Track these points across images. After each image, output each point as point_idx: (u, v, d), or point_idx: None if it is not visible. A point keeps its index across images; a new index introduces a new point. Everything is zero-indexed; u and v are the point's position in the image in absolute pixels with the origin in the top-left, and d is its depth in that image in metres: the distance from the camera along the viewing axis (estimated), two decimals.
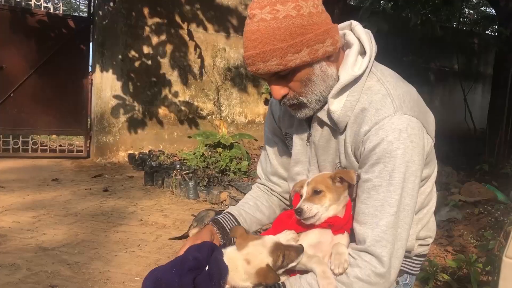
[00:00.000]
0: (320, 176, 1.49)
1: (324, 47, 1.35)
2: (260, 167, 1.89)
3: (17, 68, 7.93)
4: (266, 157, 1.84)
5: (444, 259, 3.50)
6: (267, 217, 1.82)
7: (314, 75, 1.39)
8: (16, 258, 3.49)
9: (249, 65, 1.38)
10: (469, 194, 4.79)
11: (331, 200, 1.43)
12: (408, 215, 1.36)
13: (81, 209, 5.03)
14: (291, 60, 1.33)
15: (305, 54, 1.33)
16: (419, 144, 1.35)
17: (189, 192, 5.79)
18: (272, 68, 1.34)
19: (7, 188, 5.81)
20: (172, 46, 8.71)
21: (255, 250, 1.38)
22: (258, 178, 1.91)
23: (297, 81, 1.40)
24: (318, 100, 1.44)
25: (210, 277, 1.34)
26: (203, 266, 1.37)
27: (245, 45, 1.37)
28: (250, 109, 9.62)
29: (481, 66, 13.17)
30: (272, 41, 1.31)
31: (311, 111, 1.47)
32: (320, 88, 1.41)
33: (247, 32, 1.36)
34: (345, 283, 1.33)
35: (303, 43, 1.32)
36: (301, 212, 1.41)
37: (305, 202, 1.43)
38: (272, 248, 1.38)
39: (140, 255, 3.69)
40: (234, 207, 1.78)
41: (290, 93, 1.43)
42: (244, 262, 1.37)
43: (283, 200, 1.87)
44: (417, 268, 1.63)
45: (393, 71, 1.52)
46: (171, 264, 1.44)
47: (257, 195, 1.85)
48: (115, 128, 8.40)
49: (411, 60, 11.23)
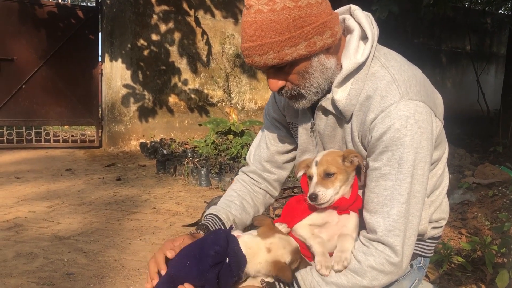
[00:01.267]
0: (330, 155, 1.42)
1: (322, 39, 1.32)
2: (251, 152, 1.83)
3: (27, 60, 7.98)
4: (264, 142, 1.79)
5: (458, 241, 3.49)
6: (251, 216, 1.74)
7: (312, 68, 1.36)
8: (33, 247, 3.55)
9: (246, 57, 1.36)
10: (483, 176, 4.75)
11: (341, 181, 1.39)
12: (419, 202, 1.34)
13: (95, 198, 5.09)
14: (288, 54, 1.30)
15: (302, 47, 1.30)
16: (427, 129, 1.33)
17: (201, 179, 5.82)
18: (268, 61, 1.32)
19: (22, 179, 5.89)
20: (180, 34, 8.69)
21: (279, 243, 1.37)
22: (245, 166, 1.85)
23: (294, 73, 1.37)
24: (316, 92, 1.41)
25: (230, 269, 1.32)
26: (224, 258, 1.33)
27: (242, 36, 1.35)
28: (260, 96, 9.59)
29: (494, 47, 12.96)
30: (269, 34, 1.28)
31: (309, 102, 1.45)
32: (319, 81, 1.39)
33: (244, 23, 1.33)
34: (358, 272, 1.32)
35: (301, 36, 1.29)
36: (316, 198, 1.35)
37: (318, 187, 1.37)
38: (295, 250, 1.38)
39: (155, 243, 3.72)
40: (220, 209, 1.68)
41: (287, 85, 1.41)
42: (265, 250, 1.36)
43: (270, 192, 1.82)
44: (431, 251, 1.63)
45: (396, 54, 1.48)
46: (182, 256, 1.38)
47: (243, 193, 1.77)
48: (126, 117, 8.44)
49: (422, 42, 11.09)
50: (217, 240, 1.36)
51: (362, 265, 1.32)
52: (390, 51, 1.47)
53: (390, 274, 1.32)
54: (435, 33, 11.60)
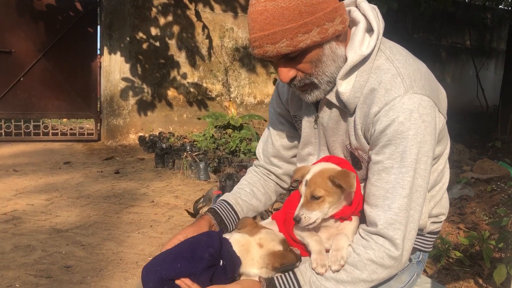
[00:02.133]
0: (320, 176, 1.37)
1: (334, 26, 1.30)
2: (260, 147, 1.84)
3: (25, 52, 7.94)
4: (269, 138, 1.79)
5: (456, 236, 3.49)
6: (263, 204, 1.78)
7: (324, 56, 1.34)
8: (31, 239, 3.54)
9: (256, 47, 1.32)
10: (482, 171, 4.76)
11: (331, 203, 1.35)
12: (421, 196, 1.33)
13: (93, 191, 5.08)
14: (302, 41, 1.28)
15: (315, 34, 1.28)
16: (431, 124, 1.32)
17: (199, 173, 5.82)
18: (281, 50, 1.29)
19: (20, 172, 5.88)
20: (179, 27, 8.65)
21: (268, 236, 1.40)
22: (256, 160, 1.87)
23: (306, 62, 1.34)
24: (328, 81, 1.39)
25: (225, 271, 1.33)
26: (218, 261, 1.34)
27: (251, 27, 1.31)
28: (259, 90, 9.57)
29: (494, 42, 12.93)
30: (281, 22, 1.26)
31: (322, 93, 1.42)
32: (331, 69, 1.37)
33: (253, 13, 1.30)
34: (358, 265, 1.31)
35: (313, 23, 1.27)
36: (299, 221, 1.34)
37: (303, 209, 1.35)
38: (283, 240, 1.41)
39: (153, 236, 3.73)
40: (230, 195, 1.72)
41: (299, 75, 1.38)
42: (257, 246, 1.39)
43: (280, 184, 1.82)
44: (430, 246, 1.62)
45: (402, 47, 1.47)
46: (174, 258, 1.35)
47: (253, 181, 1.80)
48: (125, 111, 8.42)
49: (422, 37, 11.06)
50: (211, 242, 1.35)
51: (361, 258, 1.31)
52: (395, 45, 1.46)
53: (390, 268, 1.32)
54: (435, 28, 11.56)
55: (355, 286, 1.31)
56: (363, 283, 1.31)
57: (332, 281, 1.31)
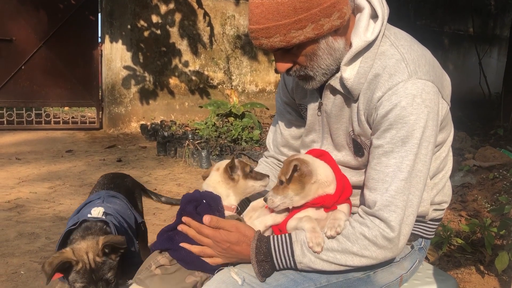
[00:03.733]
0: (286, 165, 1.41)
1: (330, 21, 1.29)
2: (270, 138, 1.87)
3: (26, 41, 7.91)
4: (278, 128, 1.81)
5: (458, 223, 3.50)
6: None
7: (319, 50, 1.35)
8: (34, 227, 3.57)
9: (253, 38, 1.35)
10: (484, 159, 4.75)
11: (294, 190, 1.38)
12: (420, 182, 1.33)
13: (95, 179, 5.08)
14: (295, 37, 1.29)
15: (309, 30, 1.28)
16: (434, 110, 1.32)
17: (201, 161, 5.83)
18: (275, 44, 1.31)
19: (23, 160, 5.89)
20: (180, 15, 8.60)
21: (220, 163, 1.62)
22: (267, 150, 1.89)
23: (302, 55, 1.36)
24: (324, 73, 1.41)
25: (209, 205, 1.48)
26: (201, 201, 1.50)
27: (249, 18, 1.34)
28: (261, 78, 9.54)
29: (497, 29, 12.83)
30: (275, 17, 1.27)
31: (318, 83, 1.44)
32: (327, 62, 1.38)
33: (251, 4, 1.31)
34: (350, 237, 1.32)
35: (308, 19, 1.27)
36: (266, 201, 1.43)
37: (271, 192, 1.42)
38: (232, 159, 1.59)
39: (156, 223, 3.75)
40: None
41: (295, 66, 1.40)
42: (215, 171, 1.59)
43: None
44: (432, 233, 1.63)
45: (406, 33, 1.47)
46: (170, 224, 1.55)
47: (265, 171, 1.79)
48: (127, 99, 8.41)
49: (424, 24, 10.98)
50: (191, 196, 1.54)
51: (355, 231, 1.32)
52: (400, 31, 1.46)
53: (383, 248, 1.31)
54: (438, 15, 11.47)
55: (344, 256, 1.32)
56: (353, 255, 1.32)
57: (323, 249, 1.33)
